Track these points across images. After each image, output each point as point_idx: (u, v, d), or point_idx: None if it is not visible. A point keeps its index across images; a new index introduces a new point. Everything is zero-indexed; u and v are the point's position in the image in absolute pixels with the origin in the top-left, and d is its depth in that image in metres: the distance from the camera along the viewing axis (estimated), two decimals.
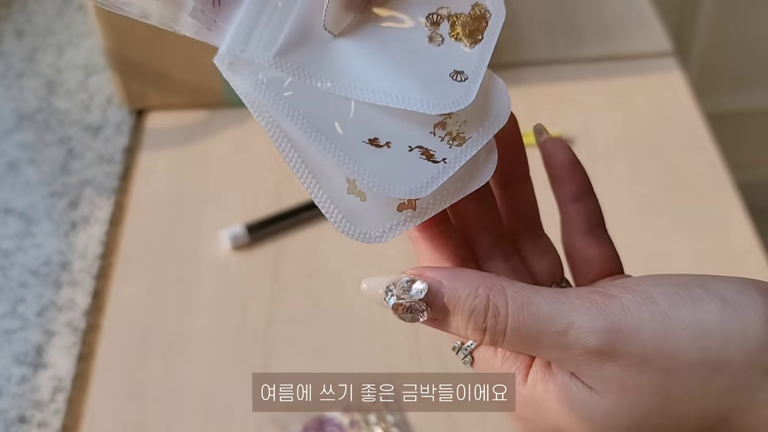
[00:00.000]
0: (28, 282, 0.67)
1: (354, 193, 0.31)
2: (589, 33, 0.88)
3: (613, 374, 0.28)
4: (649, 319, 0.27)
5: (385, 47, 0.32)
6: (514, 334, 0.29)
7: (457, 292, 0.30)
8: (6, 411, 0.59)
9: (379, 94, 0.31)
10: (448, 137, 0.31)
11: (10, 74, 0.87)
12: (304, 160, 0.31)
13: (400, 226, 0.31)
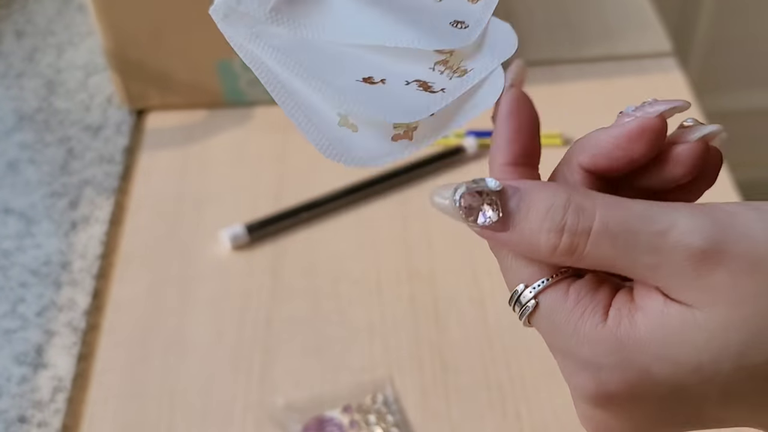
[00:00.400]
0: (28, 282, 0.67)
1: (346, 125, 0.30)
2: (589, 33, 0.88)
3: (720, 282, 0.24)
4: (757, 219, 0.25)
5: (384, 2, 0.32)
6: (602, 234, 0.25)
7: (534, 190, 0.26)
8: (6, 411, 0.59)
9: (375, 38, 0.31)
10: (449, 71, 0.31)
11: (10, 74, 0.87)
12: (295, 100, 0.31)
13: (396, 154, 0.30)
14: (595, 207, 0.26)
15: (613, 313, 0.26)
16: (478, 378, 0.60)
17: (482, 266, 0.67)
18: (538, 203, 0.26)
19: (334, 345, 0.63)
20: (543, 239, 0.26)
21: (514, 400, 0.59)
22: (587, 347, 0.26)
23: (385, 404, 0.59)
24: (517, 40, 0.31)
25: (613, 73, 0.84)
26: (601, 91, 0.82)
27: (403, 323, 0.64)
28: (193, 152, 0.78)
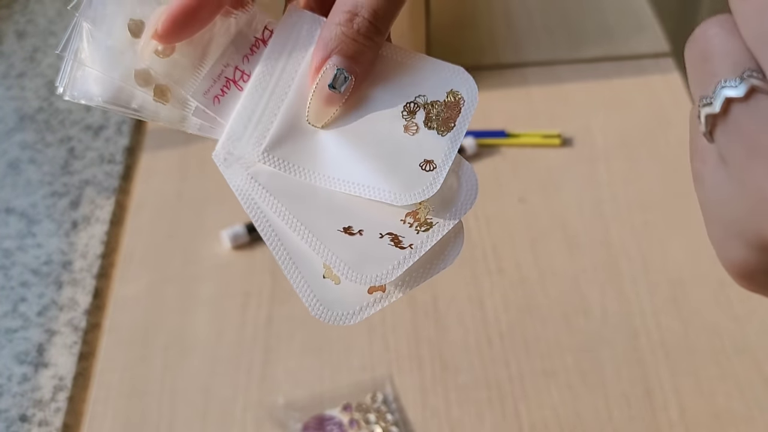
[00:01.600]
0: (29, 281, 0.67)
1: (330, 277, 0.34)
2: (588, 34, 0.88)
3: None
4: None
5: (362, 139, 0.35)
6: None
7: None
8: (7, 410, 0.59)
9: (353, 186, 0.34)
10: (417, 224, 0.34)
11: (11, 74, 0.87)
12: (286, 249, 0.34)
13: (370, 308, 0.34)
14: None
15: None
16: (477, 377, 0.61)
17: (482, 266, 0.67)
18: None
19: (334, 344, 0.63)
20: None
21: (514, 399, 0.59)
22: None
23: (385, 403, 0.59)
24: (477, 189, 0.35)
25: (611, 74, 0.84)
26: (600, 92, 0.83)
27: (402, 322, 0.64)
28: (193, 152, 0.78)
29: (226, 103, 0.36)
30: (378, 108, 0.35)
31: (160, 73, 0.35)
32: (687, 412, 0.58)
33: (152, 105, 0.36)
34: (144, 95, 0.36)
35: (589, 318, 0.63)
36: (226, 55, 0.36)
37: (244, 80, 0.36)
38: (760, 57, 0.24)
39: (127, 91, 0.36)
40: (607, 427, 0.58)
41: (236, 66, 0.36)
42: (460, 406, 0.59)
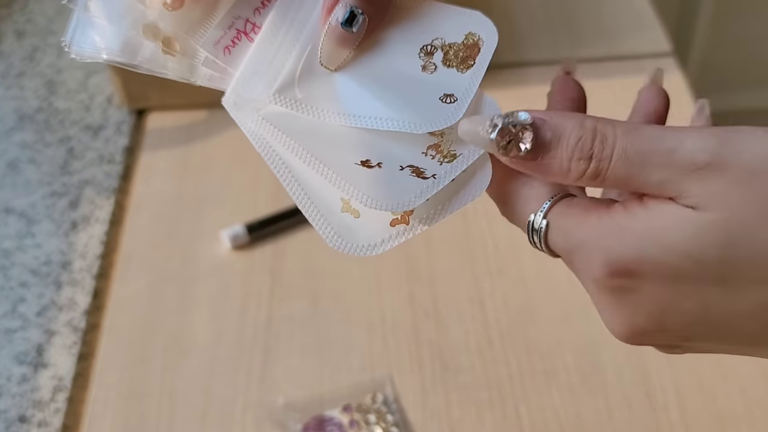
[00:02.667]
0: (28, 281, 0.67)
1: (348, 211, 0.32)
2: (589, 33, 0.88)
3: (719, 188, 0.27)
4: (757, 138, 0.27)
5: (379, 78, 0.34)
6: (621, 158, 0.28)
7: (564, 122, 0.29)
8: (6, 410, 0.59)
9: (369, 120, 0.33)
10: (440, 155, 0.33)
11: (10, 74, 0.87)
12: (301, 185, 0.33)
13: (393, 240, 0.32)
14: (616, 135, 0.28)
15: (616, 206, 0.29)
16: (477, 377, 0.60)
17: (482, 266, 0.67)
18: (568, 134, 0.29)
19: (334, 345, 0.63)
20: (573, 166, 0.29)
21: (514, 400, 0.59)
22: (593, 233, 0.29)
23: (385, 404, 0.59)
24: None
25: (612, 73, 0.84)
26: (601, 91, 0.82)
27: (402, 323, 0.64)
28: (193, 152, 0.78)
29: (237, 54, 0.35)
30: (394, 51, 0.35)
31: (169, 25, 0.35)
32: (688, 413, 0.58)
33: (161, 57, 0.35)
34: (152, 48, 0.35)
35: (589, 319, 0.63)
36: (237, 8, 0.35)
37: (255, 32, 0.35)
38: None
39: (134, 44, 0.35)
40: (607, 427, 0.58)
41: (247, 18, 0.35)
42: (460, 407, 0.59)
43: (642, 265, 0.28)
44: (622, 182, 0.29)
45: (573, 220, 0.29)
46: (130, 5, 0.35)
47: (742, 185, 0.27)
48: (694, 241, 0.27)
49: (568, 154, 0.29)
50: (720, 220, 0.27)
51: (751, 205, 0.27)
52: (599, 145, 0.28)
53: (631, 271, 0.28)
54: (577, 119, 0.29)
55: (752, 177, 0.27)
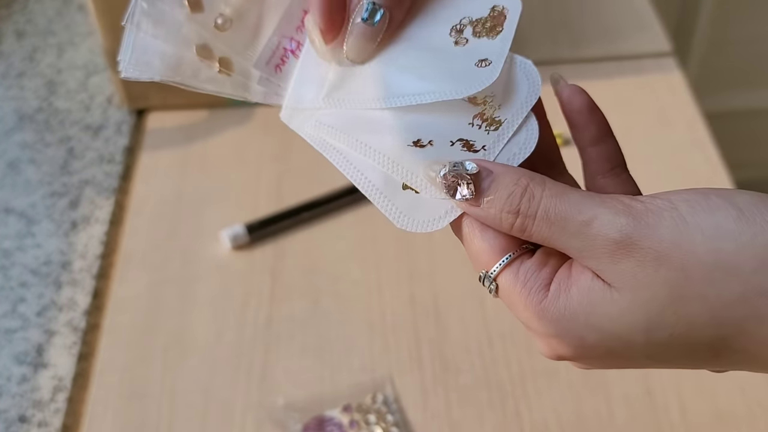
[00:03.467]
0: (28, 282, 0.67)
1: (409, 188, 0.34)
2: (589, 33, 0.88)
3: (629, 269, 0.29)
4: (668, 220, 0.29)
5: (414, 59, 0.36)
6: (543, 218, 0.30)
7: (503, 176, 0.32)
8: (6, 410, 0.59)
9: (412, 97, 0.34)
10: (485, 124, 0.34)
11: (10, 74, 0.87)
12: (363, 174, 0.35)
13: (454, 212, 0.33)
14: (542, 195, 0.31)
15: (553, 288, 0.31)
16: (478, 377, 0.60)
17: None
18: (503, 188, 0.31)
19: (334, 345, 0.63)
20: (504, 218, 0.31)
21: (514, 400, 0.59)
22: (536, 320, 0.31)
23: (385, 404, 0.59)
24: (540, 80, 0.35)
25: (613, 74, 0.84)
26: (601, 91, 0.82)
27: (403, 323, 0.64)
28: (193, 152, 0.78)
29: (287, 71, 0.38)
30: (425, 34, 0.36)
31: (221, 46, 0.37)
32: (688, 412, 0.58)
33: (216, 77, 0.37)
34: (207, 68, 0.37)
35: None
36: (282, 28, 0.38)
37: (299, 49, 0.38)
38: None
39: (188, 64, 0.37)
40: (608, 427, 0.58)
41: (291, 37, 0.38)
42: (460, 407, 0.59)
43: (580, 349, 0.31)
44: (546, 241, 0.31)
45: (517, 296, 0.32)
46: (181, 26, 0.36)
47: (650, 268, 0.29)
48: (620, 326, 0.29)
49: (500, 206, 0.31)
50: (637, 302, 0.29)
51: (660, 288, 0.28)
52: (526, 203, 0.31)
53: (570, 355, 0.32)
54: (515, 174, 0.31)
55: (659, 260, 0.28)
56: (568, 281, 0.31)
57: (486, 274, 0.33)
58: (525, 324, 0.32)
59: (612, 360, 0.31)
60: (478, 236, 0.33)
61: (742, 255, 0.28)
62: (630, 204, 0.30)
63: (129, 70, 0.36)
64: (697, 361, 0.30)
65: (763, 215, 0.28)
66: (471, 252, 0.33)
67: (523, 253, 0.32)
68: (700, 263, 0.28)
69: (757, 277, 0.28)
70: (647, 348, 0.30)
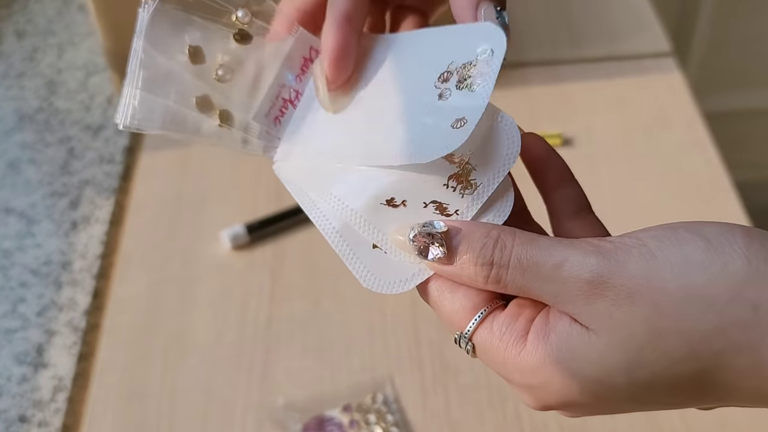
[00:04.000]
0: (28, 282, 0.67)
1: (378, 247, 0.34)
2: (589, 34, 0.88)
3: (605, 309, 0.29)
4: (637, 257, 0.29)
5: (395, 114, 0.35)
6: (516, 266, 0.30)
7: (473, 232, 0.32)
8: (6, 410, 0.59)
9: (386, 158, 0.34)
10: (460, 186, 0.34)
11: (10, 74, 0.87)
12: (336, 229, 0.35)
13: (422, 274, 0.33)
14: (513, 244, 0.31)
15: (531, 337, 0.31)
16: (478, 378, 0.60)
17: None
18: (474, 242, 0.31)
19: (334, 345, 0.63)
20: (478, 271, 0.31)
21: (514, 400, 0.59)
22: (517, 373, 0.31)
23: (385, 404, 0.59)
24: (520, 140, 0.34)
25: (613, 74, 0.84)
26: (601, 91, 0.82)
27: (403, 323, 0.64)
28: (193, 152, 0.78)
29: (285, 122, 0.38)
30: (412, 86, 0.36)
31: (221, 98, 0.36)
32: (688, 412, 0.58)
33: (215, 129, 0.37)
34: (206, 120, 0.36)
35: None
36: (280, 77, 0.38)
37: (298, 99, 0.38)
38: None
39: (189, 117, 0.36)
40: (607, 427, 0.58)
41: (291, 87, 0.38)
42: (460, 407, 0.59)
43: (566, 397, 0.31)
44: (521, 290, 0.31)
45: (495, 352, 0.32)
46: (180, 77, 0.36)
47: (624, 306, 0.29)
48: (600, 369, 0.29)
49: (473, 259, 0.31)
50: (615, 342, 0.29)
51: (637, 326, 0.28)
52: (498, 253, 0.31)
53: (556, 404, 0.32)
54: (485, 229, 0.32)
55: (632, 298, 0.28)
56: (546, 328, 0.31)
57: (461, 335, 0.32)
58: (507, 379, 0.32)
59: (598, 406, 0.31)
60: (448, 298, 0.33)
61: (714, 287, 0.28)
62: (599, 244, 0.30)
63: (128, 123, 0.35)
64: (681, 398, 0.30)
65: (731, 244, 0.28)
66: (443, 315, 0.33)
67: (495, 308, 0.32)
68: (672, 298, 0.28)
69: (731, 308, 0.28)
70: (631, 390, 0.30)
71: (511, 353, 0.31)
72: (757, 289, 0.28)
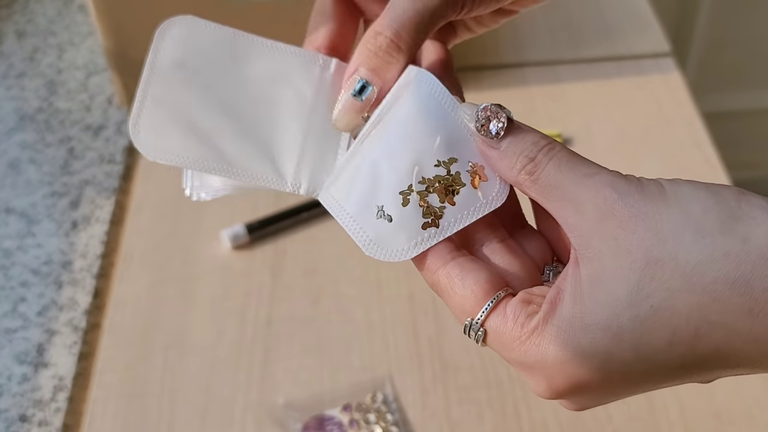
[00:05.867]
0: (29, 281, 0.67)
1: (383, 217, 0.34)
2: (588, 34, 0.88)
3: (611, 230, 0.30)
4: (652, 187, 0.31)
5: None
6: (556, 164, 0.32)
7: (529, 131, 0.34)
8: (7, 410, 0.59)
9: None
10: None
11: (11, 74, 0.87)
12: (336, 199, 0.37)
13: (425, 243, 0.34)
14: (557, 150, 0.33)
15: (544, 309, 0.32)
16: (477, 377, 0.61)
17: None
18: (529, 137, 0.34)
19: (333, 344, 0.63)
20: (519, 161, 0.33)
21: (514, 399, 0.59)
22: (533, 349, 0.32)
23: (385, 403, 0.59)
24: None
25: (612, 74, 0.84)
26: (601, 92, 0.83)
27: (402, 322, 0.64)
28: None
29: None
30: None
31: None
32: (686, 411, 0.58)
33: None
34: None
35: None
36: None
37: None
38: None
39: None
40: (606, 427, 0.58)
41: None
42: (460, 406, 0.59)
43: (576, 380, 0.31)
44: (549, 187, 0.33)
45: (509, 334, 0.32)
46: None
47: (628, 229, 0.30)
48: (606, 308, 0.30)
49: (521, 148, 0.33)
50: (618, 270, 0.30)
51: (637, 252, 0.30)
52: (543, 153, 0.33)
53: (568, 391, 0.32)
54: (539, 133, 0.34)
55: (636, 219, 0.30)
56: (555, 305, 0.31)
57: (471, 322, 0.33)
58: (519, 363, 0.33)
59: (608, 386, 0.32)
60: (458, 284, 0.33)
61: (708, 216, 0.30)
62: (626, 175, 0.32)
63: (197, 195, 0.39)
64: (682, 348, 0.30)
65: (724, 189, 0.31)
66: (453, 302, 0.33)
67: (506, 295, 0.33)
68: (672, 224, 0.30)
69: (722, 239, 0.29)
70: (633, 336, 0.30)
71: (526, 331, 0.32)
72: (746, 224, 0.29)
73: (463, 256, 0.34)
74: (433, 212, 0.34)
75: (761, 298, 0.28)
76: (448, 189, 0.34)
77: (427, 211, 0.34)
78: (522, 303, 0.32)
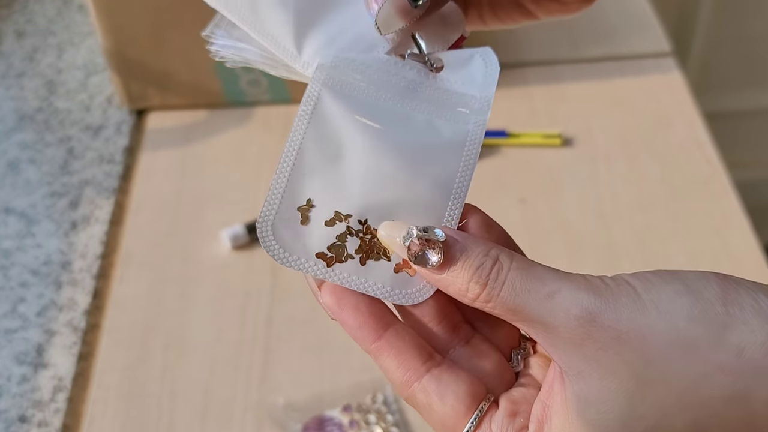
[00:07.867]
0: (28, 282, 0.67)
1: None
2: (588, 33, 0.88)
3: (593, 353, 0.28)
4: (625, 297, 0.29)
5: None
6: (509, 289, 0.30)
7: (473, 246, 0.31)
8: (6, 410, 0.59)
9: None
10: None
11: (10, 74, 0.87)
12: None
13: (314, 269, 0.33)
14: (510, 267, 0.30)
15: (532, 428, 0.30)
16: None
17: None
18: (473, 258, 0.30)
19: (334, 345, 0.63)
20: (471, 287, 0.30)
21: None
22: None
23: (385, 404, 0.59)
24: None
25: (612, 74, 0.84)
26: (601, 91, 0.82)
27: None
28: (193, 152, 0.78)
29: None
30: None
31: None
32: None
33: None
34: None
35: None
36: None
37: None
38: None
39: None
40: None
41: None
42: None
43: None
44: (509, 312, 0.30)
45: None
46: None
47: (611, 350, 0.28)
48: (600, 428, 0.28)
49: (469, 276, 0.30)
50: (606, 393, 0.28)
51: (624, 374, 0.28)
52: (495, 272, 0.30)
53: None
54: (484, 247, 0.31)
55: (619, 341, 0.28)
56: (545, 413, 0.30)
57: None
58: None
59: None
60: (437, 402, 0.31)
61: (695, 329, 0.28)
62: (591, 281, 0.30)
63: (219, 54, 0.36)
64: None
65: (708, 289, 0.28)
66: (434, 420, 0.32)
67: (489, 407, 0.31)
68: (657, 342, 0.28)
69: (715, 353, 0.27)
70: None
71: None
72: (739, 333, 0.27)
73: (437, 366, 0.32)
74: (343, 251, 0.32)
75: (761, 412, 0.27)
76: (371, 248, 0.33)
77: (338, 245, 0.32)
78: (508, 417, 0.31)
